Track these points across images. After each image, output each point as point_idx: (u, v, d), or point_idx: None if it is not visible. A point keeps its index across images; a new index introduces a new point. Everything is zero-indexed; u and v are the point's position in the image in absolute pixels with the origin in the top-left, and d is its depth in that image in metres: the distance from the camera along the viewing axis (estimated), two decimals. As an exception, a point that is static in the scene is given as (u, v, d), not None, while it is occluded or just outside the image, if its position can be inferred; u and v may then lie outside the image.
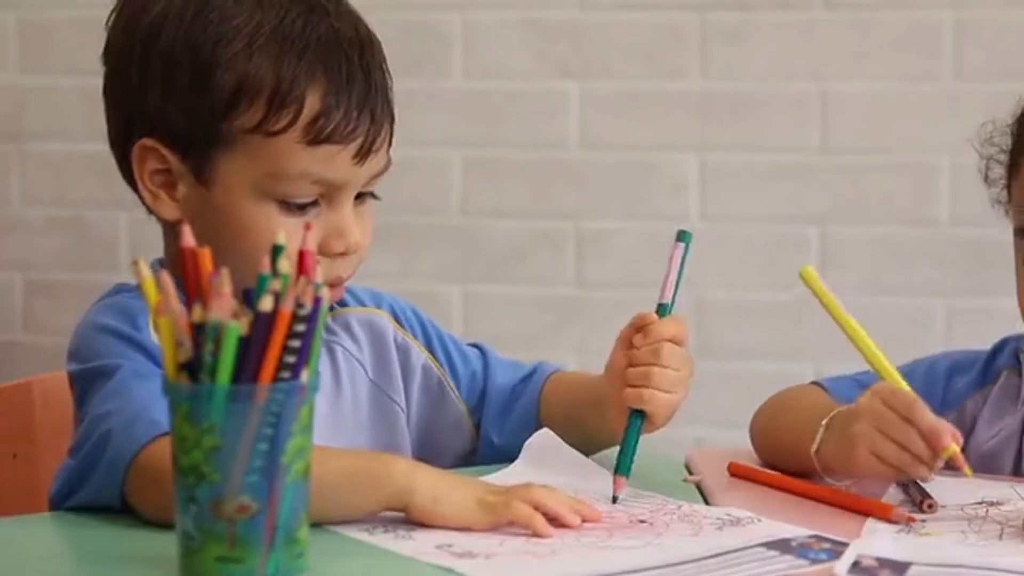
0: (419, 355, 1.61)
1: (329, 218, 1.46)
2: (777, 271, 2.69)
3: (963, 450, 1.56)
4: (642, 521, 1.32)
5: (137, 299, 1.43)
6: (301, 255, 1.16)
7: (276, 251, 1.16)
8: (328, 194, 1.45)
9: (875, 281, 2.67)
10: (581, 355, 2.72)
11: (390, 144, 1.49)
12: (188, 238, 1.18)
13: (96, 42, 1.50)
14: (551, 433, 1.53)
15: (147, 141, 1.45)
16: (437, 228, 2.76)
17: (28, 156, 2.90)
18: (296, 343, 1.13)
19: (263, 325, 1.13)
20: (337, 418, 1.54)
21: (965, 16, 2.63)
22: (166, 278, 1.15)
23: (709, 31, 2.70)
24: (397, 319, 1.61)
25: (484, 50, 2.75)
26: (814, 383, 1.62)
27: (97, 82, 1.50)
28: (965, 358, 1.63)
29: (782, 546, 1.23)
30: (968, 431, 1.58)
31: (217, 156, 1.44)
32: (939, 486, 1.43)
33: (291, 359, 1.14)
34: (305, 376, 1.15)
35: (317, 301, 1.14)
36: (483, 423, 1.62)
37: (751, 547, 1.23)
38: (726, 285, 2.70)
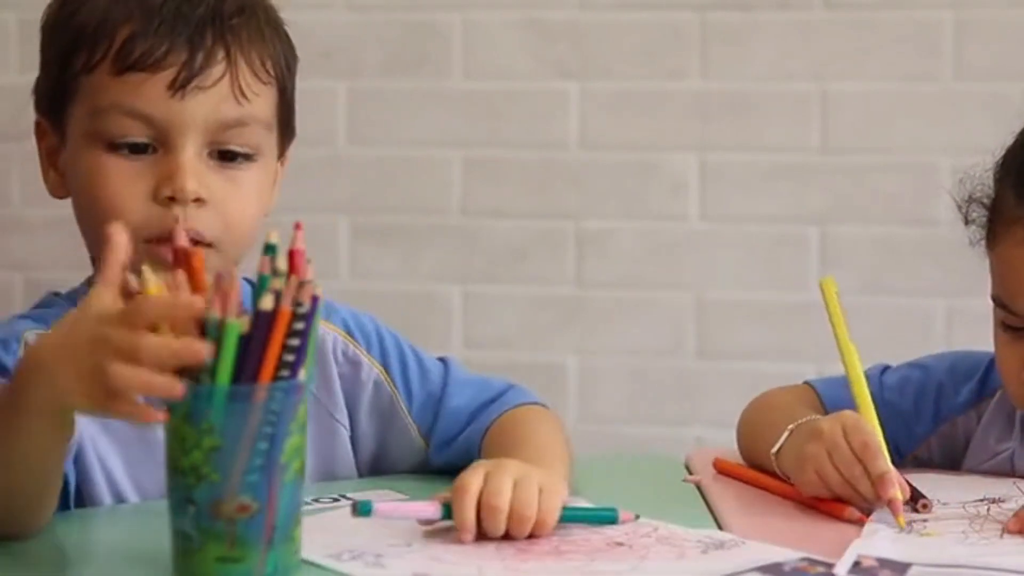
0: (371, 370, 1.55)
1: (163, 164, 1.41)
2: (777, 271, 2.69)
3: (958, 468, 1.56)
4: (620, 544, 1.27)
5: (51, 310, 1.44)
6: (291, 254, 1.15)
7: (271, 250, 1.15)
8: (160, 138, 1.41)
9: (875, 281, 2.67)
10: (581, 355, 2.72)
11: (242, 91, 1.42)
12: (182, 238, 1.18)
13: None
14: None
15: (38, 118, 1.48)
16: (437, 228, 2.76)
17: (28, 156, 2.88)
18: (295, 341, 1.13)
19: (263, 324, 1.13)
20: None
21: (965, 16, 2.63)
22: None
23: (709, 31, 2.69)
24: (350, 332, 1.55)
25: (484, 50, 2.75)
26: (807, 383, 1.62)
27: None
28: (965, 362, 1.61)
29: (775, 570, 1.21)
30: (962, 447, 1.58)
31: (68, 110, 1.44)
32: (940, 483, 1.43)
33: (289, 358, 1.14)
34: (303, 374, 1.15)
35: (315, 300, 1.14)
36: (430, 445, 1.56)
37: (745, 571, 1.21)
38: (726, 285, 2.70)
